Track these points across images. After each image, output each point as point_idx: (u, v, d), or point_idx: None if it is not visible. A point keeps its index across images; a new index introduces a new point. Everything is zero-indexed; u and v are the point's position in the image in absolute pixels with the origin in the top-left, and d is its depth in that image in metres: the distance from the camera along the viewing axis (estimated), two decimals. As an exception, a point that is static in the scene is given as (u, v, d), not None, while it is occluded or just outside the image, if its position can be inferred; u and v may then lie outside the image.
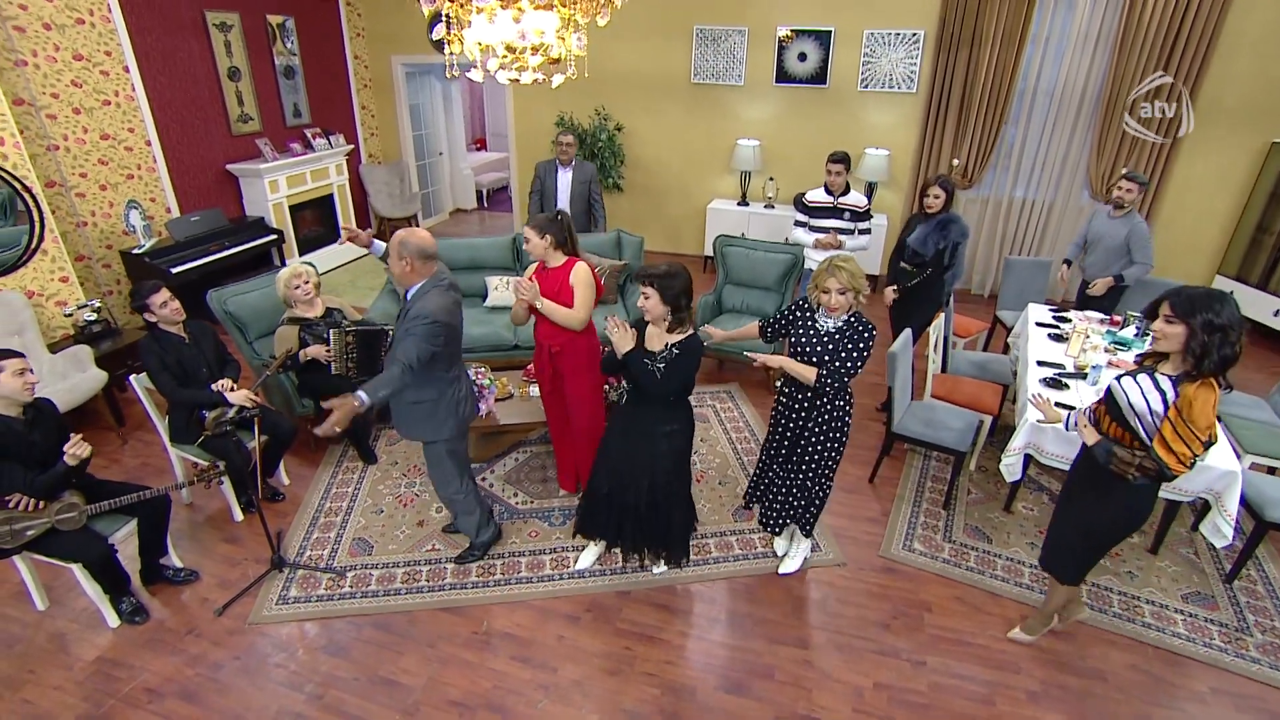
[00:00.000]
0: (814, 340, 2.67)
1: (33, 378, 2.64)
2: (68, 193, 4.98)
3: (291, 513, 3.57)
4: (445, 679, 2.67)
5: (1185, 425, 2.04)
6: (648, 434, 2.73)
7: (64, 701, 2.56)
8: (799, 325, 2.74)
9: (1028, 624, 2.86)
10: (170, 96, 5.62)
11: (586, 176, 5.43)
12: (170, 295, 3.24)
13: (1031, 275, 5.12)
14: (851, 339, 2.60)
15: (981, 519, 3.55)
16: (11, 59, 4.56)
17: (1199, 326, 2.00)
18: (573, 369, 3.15)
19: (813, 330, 2.68)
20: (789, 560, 3.19)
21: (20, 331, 4.01)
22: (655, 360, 2.59)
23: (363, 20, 7.66)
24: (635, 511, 2.83)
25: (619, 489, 2.82)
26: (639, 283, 2.57)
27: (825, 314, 2.65)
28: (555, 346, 3.11)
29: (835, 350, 2.61)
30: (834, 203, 4.33)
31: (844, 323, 2.63)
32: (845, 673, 2.71)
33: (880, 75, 6.29)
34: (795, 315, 2.77)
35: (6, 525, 2.58)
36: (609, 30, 6.70)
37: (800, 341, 2.70)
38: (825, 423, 2.75)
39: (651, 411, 2.72)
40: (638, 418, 2.76)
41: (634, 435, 2.76)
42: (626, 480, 2.79)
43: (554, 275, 3.02)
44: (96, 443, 4.10)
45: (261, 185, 6.20)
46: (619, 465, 2.81)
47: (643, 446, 2.74)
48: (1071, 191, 6.16)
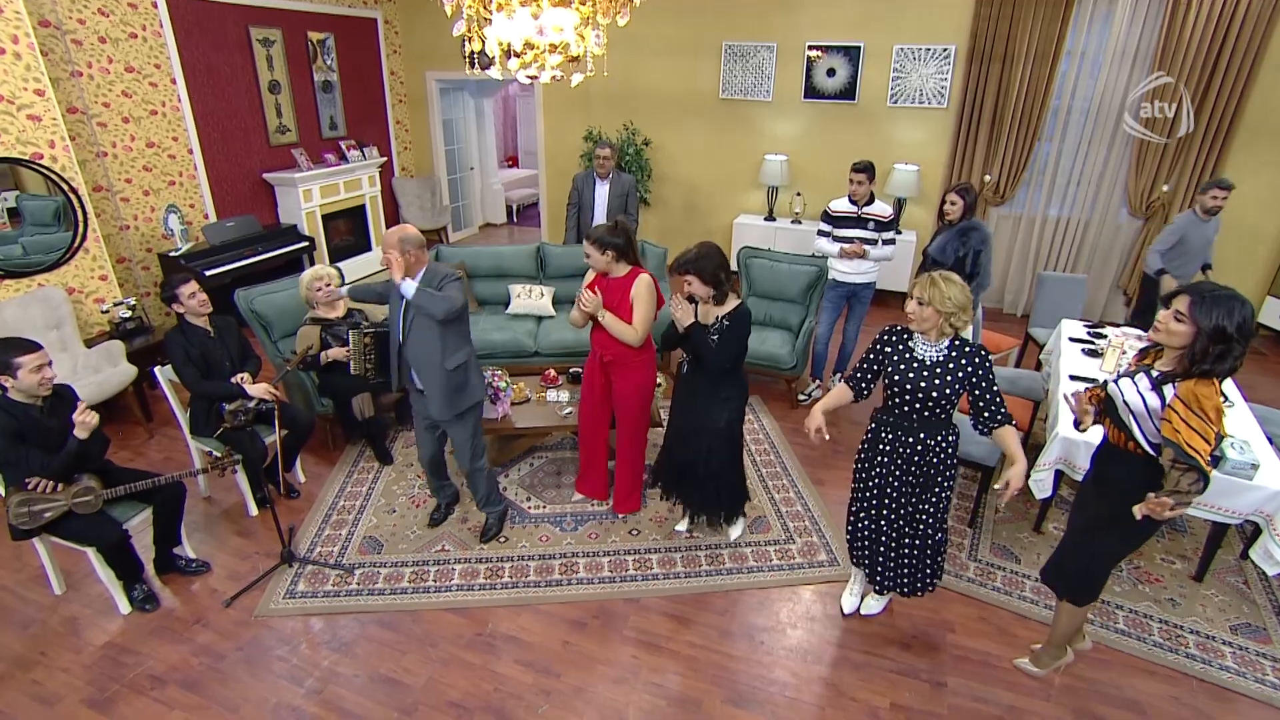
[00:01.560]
0: (917, 374, 2.32)
1: (50, 372, 2.66)
2: (113, 197, 5.18)
3: (305, 509, 3.58)
4: (446, 680, 2.62)
5: (1197, 415, 1.88)
6: (707, 402, 2.95)
7: (70, 684, 2.57)
8: (890, 360, 2.40)
9: (1038, 657, 2.64)
10: (213, 107, 5.83)
11: (624, 189, 5.42)
12: (198, 288, 3.32)
13: (1066, 291, 4.96)
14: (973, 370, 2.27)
15: (1010, 538, 3.39)
16: (68, 70, 4.79)
17: (1209, 332, 1.87)
18: (624, 378, 3.15)
19: (912, 363, 2.35)
20: (850, 597, 2.95)
21: (59, 325, 4.14)
22: (709, 333, 2.82)
23: (399, 38, 7.90)
24: (695, 474, 3.06)
25: (684, 452, 3.06)
26: (679, 273, 2.79)
27: (926, 340, 2.34)
28: (608, 355, 3.11)
29: (946, 385, 2.28)
30: (858, 212, 4.27)
31: (950, 347, 2.31)
32: (860, 691, 2.58)
33: (910, 90, 6.23)
34: (884, 351, 2.43)
35: (25, 507, 2.62)
36: (638, 45, 6.83)
37: (895, 378, 2.37)
38: (940, 464, 2.44)
39: (710, 380, 2.92)
40: (698, 386, 2.97)
41: (696, 403, 2.98)
42: (690, 444, 3.02)
43: (616, 286, 3.00)
44: (125, 437, 4.24)
45: (296, 194, 6.37)
46: (684, 429, 3.05)
47: (703, 413, 2.96)
48: (1109, 209, 5.98)
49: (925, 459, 2.42)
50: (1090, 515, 2.31)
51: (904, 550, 2.60)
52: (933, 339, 2.33)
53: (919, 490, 2.48)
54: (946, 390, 2.30)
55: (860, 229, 4.27)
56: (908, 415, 2.39)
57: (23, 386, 2.61)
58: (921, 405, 2.35)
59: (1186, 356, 1.93)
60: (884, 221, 4.26)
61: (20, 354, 2.59)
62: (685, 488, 3.17)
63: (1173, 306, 1.96)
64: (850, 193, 4.28)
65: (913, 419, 2.39)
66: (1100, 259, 6.13)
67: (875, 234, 4.27)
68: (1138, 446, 2.09)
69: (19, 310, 3.96)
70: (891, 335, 2.44)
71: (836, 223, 4.33)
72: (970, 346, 2.32)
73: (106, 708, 2.48)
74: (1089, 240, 6.11)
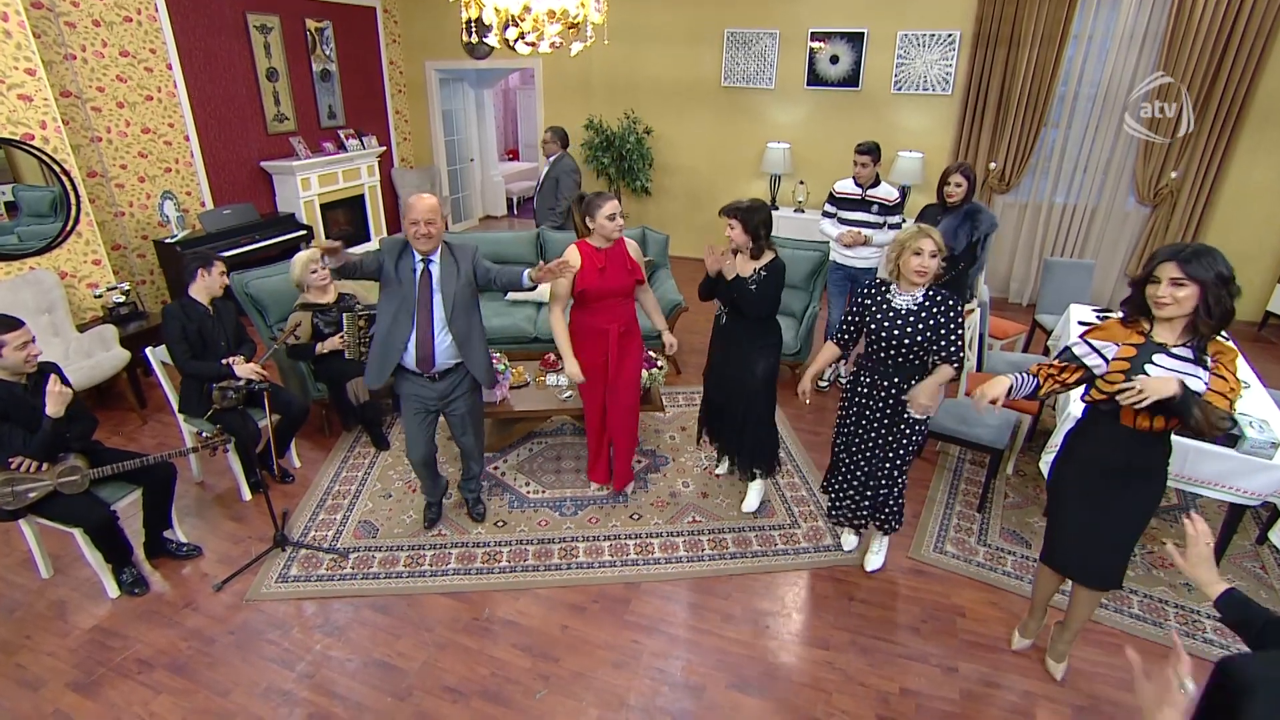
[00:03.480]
0: (893, 322, 2.48)
1: (35, 349, 2.61)
2: (108, 183, 5.12)
3: (300, 494, 3.51)
4: (442, 664, 2.54)
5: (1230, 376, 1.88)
6: (746, 350, 3.03)
7: (55, 668, 2.50)
8: (869, 311, 2.56)
9: (1057, 650, 2.52)
10: (210, 94, 5.77)
11: (555, 172, 5.37)
12: (225, 269, 3.39)
13: (1073, 277, 4.87)
14: (939, 316, 2.43)
15: (1019, 523, 3.31)
16: (61, 53, 4.72)
17: (1214, 281, 1.82)
18: (632, 347, 3.17)
19: (889, 312, 2.50)
20: (875, 556, 3.01)
21: (50, 309, 4.07)
22: (747, 284, 2.90)
23: (399, 27, 7.83)
24: (735, 422, 3.18)
25: (724, 400, 3.17)
26: (726, 215, 2.89)
27: (901, 291, 2.49)
28: (622, 325, 3.09)
29: (919, 332, 2.44)
30: (862, 194, 4.18)
31: (924, 297, 2.46)
32: (869, 676, 2.51)
33: (914, 77, 6.16)
34: (865, 304, 2.59)
35: (8, 486, 2.55)
36: (640, 33, 6.76)
37: (874, 328, 2.52)
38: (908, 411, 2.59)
39: (749, 330, 3.02)
40: (737, 336, 3.06)
41: (736, 351, 3.06)
42: (730, 391, 3.13)
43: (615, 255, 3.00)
44: (118, 423, 4.17)
45: (294, 182, 6.31)
46: (723, 378, 3.14)
47: (742, 361, 3.04)
48: (1116, 196, 5.90)
49: (898, 401, 2.57)
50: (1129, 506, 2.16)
51: (878, 487, 2.76)
52: (905, 288, 2.49)
53: (888, 432, 2.65)
54: (919, 337, 2.45)
55: (864, 211, 4.18)
56: (884, 361, 2.55)
57: (8, 364, 2.54)
58: (896, 351, 2.50)
59: (1204, 313, 1.86)
60: (889, 205, 4.17)
61: (4, 331, 2.52)
62: (725, 433, 3.32)
63: (1163, 278, 1.88)
64: (854, 174, 4.19)
65: (888, 364, 2.55)
66: (1108, 247, 6.05)
67: (880, 217, 4.18)
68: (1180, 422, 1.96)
69: (9, 293, 3.89)
70: (871, 289, 2.59)
71: (841, 204, 4.25)
72: (941, 294, 2.46)
73: (92, 691, 2.41)
74: (1096, 228, 6.03)
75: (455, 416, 2.99)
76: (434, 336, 2.74)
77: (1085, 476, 2.20)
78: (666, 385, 4.50)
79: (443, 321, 2.74)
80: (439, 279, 2.71)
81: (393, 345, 2.74)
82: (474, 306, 2.84)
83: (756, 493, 3.37)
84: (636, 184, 7.13)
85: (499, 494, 3.49)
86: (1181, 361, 1.93)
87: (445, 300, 2.72)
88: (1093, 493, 2.21)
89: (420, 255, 2.68)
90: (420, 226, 2.58)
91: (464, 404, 2.97)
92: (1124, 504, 2.17)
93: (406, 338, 2.72)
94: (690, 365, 4.92)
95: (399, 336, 2.72)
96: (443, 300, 2.72)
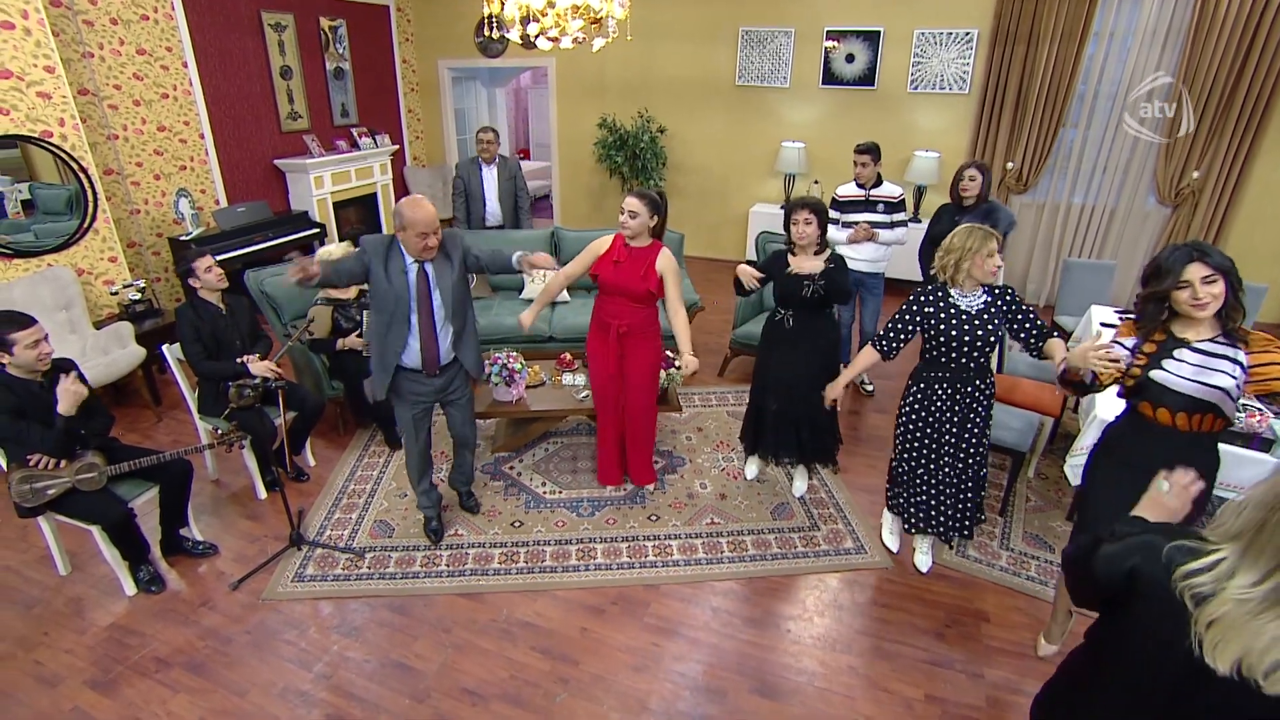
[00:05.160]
0: (962, 325, 2.46)
1: (47, 347, 2.58)
2: (124, 180, 5.13)
3: (315, 493, 3.49)
4: (460, 666, 2.52)
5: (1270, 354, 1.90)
6: (814, 348, 3.05)
7: (73, 665, 2.49)
8: (934, 318, 2.50)
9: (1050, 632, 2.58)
10: (224, 92, 5.77)
11: (511, 173, 5.24)
12: (214, 262, 3.26)
13: (1093, 278, 4.81)
14: (1009, 307, 2.46)
15: (1042, 527, 3.26)
16: (79, 51, 4.73)
17: (1231, 268, 1.87)
18: (637, 347, 3.10)
19: (959, 315, 2.47)
20: (924, 556, 3.01)
21: (68, 306, 4.08)
22: (815, 281, 2.91)
23: (412, 25, 7.83)
24: (798, 421, 3.15)
25: (787, 402, 3.12)
26: (798, 209, 2.90)
27: (963, 292, 2.48)
28: (623, 326, 3.03)
29: (993, 331, 2.44)
30: (865, 195, 4.11)
31: (989, 294, 2.47)
32: (893, 682, 2.47)
33: (931, 76, 6.10)
34: (925, 311, 2.52)
35: (28, 484, 2.55)
36: (654, 31, 6.72)
37: (943, 333, 2.48)
38: (985, 404, 2.60)
39: (815, 329, 3.04)
40: (806, 335, 3.05)
41: (799, 352, 3.06)
42: (796, 391, 3.08)
43: (638, 257, 2.93)
44: (134, 420, 4.17)
45: (307, 180, 6.31)
46: (787, 380, 3.09)
47: (809, 361, 3.05)
48: (1136, 197, 5.82)
49: (977, 401, 2.58)
50: None
51: (957, 491, 2.71)
52: (968, 289, 2.48)
53: (970, 432, 2.62)
54: (990, 337, 2.45)
55: (869, 212, 4.10)
56: (964, 366, 2.52)
57: (20, 362, 2.53)
58: (968, 352, 2.49)
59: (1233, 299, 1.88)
60: (894, 202, 4.11)
61: (15, 329, 2.50)
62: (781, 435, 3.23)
63: (1193, 280, 1.87)
64: (855, 175, 4.13)
65: (969, 368, 2.53)
66: (1126, 248, 5.97)
67: (886, 216, 4.11)
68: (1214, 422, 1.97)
69: (28, 289, 3.90)
70: (927, 295, 2.53)
71: (845, 208, 4.17)
72: (999, 288, 2.49)
73: (110, 689, 2.40)
74: (1115, 228, 5.96)
75: (456, 408, 2.98)
76: (436, 334, 2.71)
77: (1120, 477, 2.15)
78: (683, 386, 4.46)
79: (443, 318, 2.71)
80: (435, 276, 2.65)
81: (391, 349, 2.67)
82: (467, 298, 2.80)
83: (803, 478, 3.48)
84: (650, 183, 7.09)
85: (515, 494, 3.47)
86: (1205, 356, 1.93)
87: (444, 296, 2.67)
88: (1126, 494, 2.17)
89: (414, 258, 2.61)
90: (430, 239, 2.51)
91: (463, 394, 2.96)
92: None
93: (405, 340, 2.67)
94: (706, 365, 4.88)
95: (397, 339, 2.66)
96: (441, 297, 2.67)
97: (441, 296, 2.67)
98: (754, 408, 3.35)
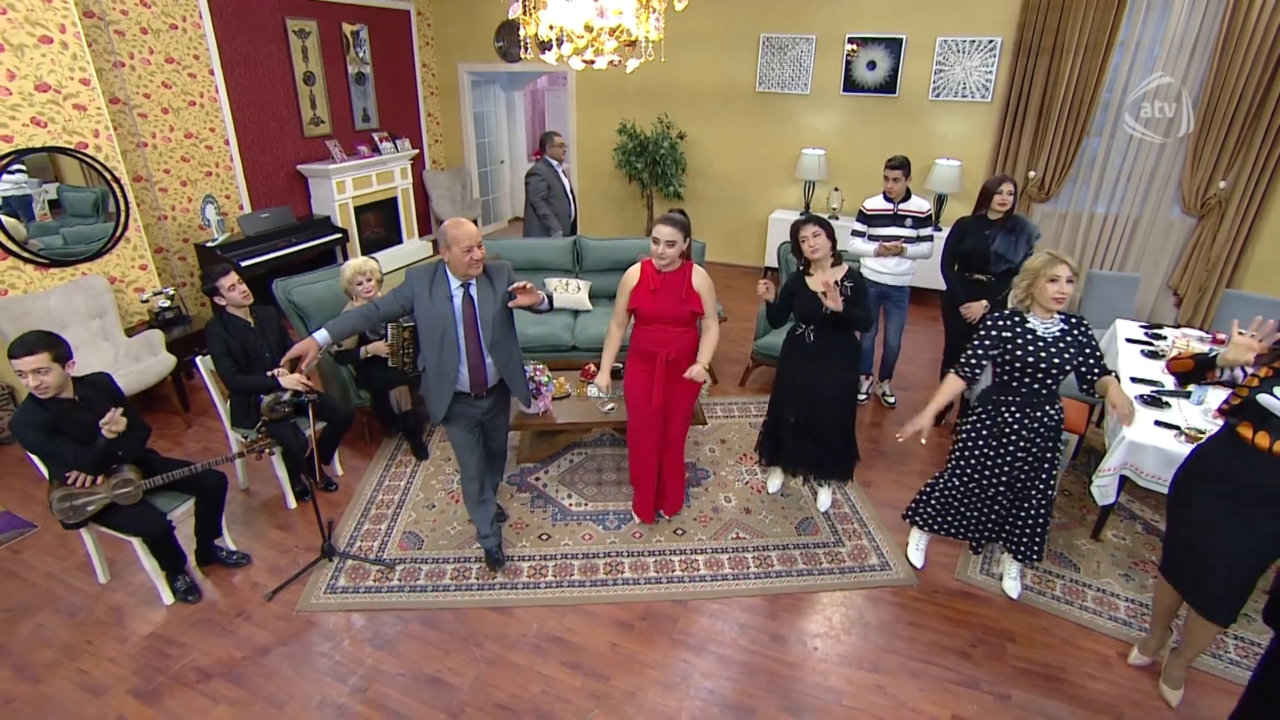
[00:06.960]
0: (1038, 351, 2.46)
1: (47, 379, 2.48)
2: (152, 187, 5.20)
3: (344, 503, 3.55)
4: (492, 681, 2.56)
5: None
6: (837, 364, 3.10)
7: (117, 674, 2.55)
8: (1011, 343, 2.51)
9: (1172, 676, 2.51)
10: (249, 98, 5.84)
11: None
12: (239, 279, 3.29)
13: (1116, 291, 4.77)
14: (1081, 338, 2.47)
15: (1067, 545, 3.26)
16: (111, 60, 4.80)
17: None
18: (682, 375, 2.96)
19: (1036, 341, 2.48)
20: (1014, 581, 2.98)
21: (101, 314, 4.15)
22: (841, 283, 2.94)
23: (432, 30, 7.87)
24: (819, 436, 3.18)
25: (809, 416, 3.16)
26: (802, 227, 2.97)
27: (1040, 317, 2.50)
28: (671, 353, 2.94)
29: (1069, 359, 2.44)
30: (894, 210, 4.10)
31: (1065, 322, 2.49)
32: (921, 702, 2.48)
33: (953, 84, 6.07)
34: (1003, 336, 2.53)
35: (67, 501, 2.61)
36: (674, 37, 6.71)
37: (1019, 359, 2.48)
38: (1054, 430, 2.61)
39: (838, 345, 3.09)
40: (828, 351, 3.09)
41: (823, 368, 3.10)
42: (819, 406, 3.14)
43: (673, 280, 2.89)
44: (163, 426, 4.24)
45: (329, 185, 6.37)
46: (810, 395, 3.14)
47: (832, 376, 3.10)
48: (1160, 207, 5.78)
49: (1047, 427, 2.58)
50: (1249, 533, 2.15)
51: (1026, 515, 2.73)
52: (1041, 315, 2.50)
53: (1041, 457, 2.63)
54: (1066, 365, 2.46)
55: (898, 227, 4.09)
56: (1036, 391, 2.53)
57: (30, 387, 2.50)
58: (1043, 379, 2.50)
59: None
60: (921, 217, 4.11)
61: (21, 354, 2.44)
62: (801, 449, 3.25)
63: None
64: (886, 190, 4.11)
65: (1041, 393, 2.54)
66: (1150, 259, 5.92)
67: (913, 231, 4.11)
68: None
69: (63, 298, 3.97)
70: (1005, 320, 2.55)
71: (873, 222, 4.15)
72: (1075, 317, 2.51)
73: (153, 699, 2.46)
74: (1138, 239, 5.91)
75: (496, 428, 3.03)
76: (484, 359, 2.75)
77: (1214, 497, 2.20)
78: (705, 398, 4.49)
79: (489, 343, 2.74)
80: (479, 300, 2.67)
81: (446, 374, 2.71)
82: (510, 324, 2.83)
83: (828, 493, 3.52)
84: (669, 189, 7.11)
85: (542, 507, 3.50)
86: None
87: (485, 322, 2.70)
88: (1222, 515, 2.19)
89: (459, 281, 2.65)
90: (475, 252, 2.55)
91: (504, 415, 3.07)
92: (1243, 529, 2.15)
93: (458, 364, 2.71)
94: (726, 375, 4.90)
95: (450, 364, 2.70)
96: (482, 323, 2.70)
97: (482, 322, 2.70)
98: (772, 419, 3.37)
